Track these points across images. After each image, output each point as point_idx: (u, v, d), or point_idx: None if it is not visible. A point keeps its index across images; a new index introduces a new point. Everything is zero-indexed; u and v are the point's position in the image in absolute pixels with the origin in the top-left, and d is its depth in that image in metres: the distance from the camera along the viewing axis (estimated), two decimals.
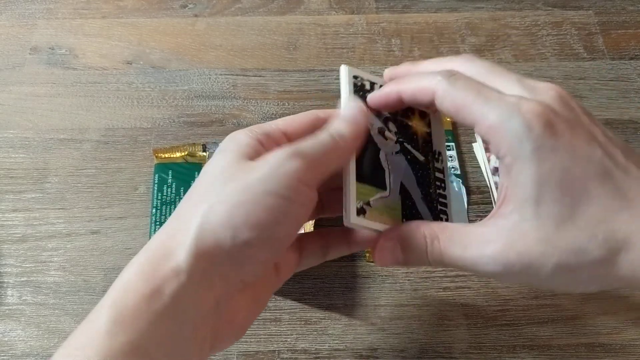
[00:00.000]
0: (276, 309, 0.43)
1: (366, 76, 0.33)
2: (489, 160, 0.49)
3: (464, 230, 0.28)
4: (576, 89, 0.54)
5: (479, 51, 0.57)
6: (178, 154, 0.49)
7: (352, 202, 0.29)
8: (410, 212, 0.31)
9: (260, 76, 0.55)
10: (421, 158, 0.33)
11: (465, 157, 0.50)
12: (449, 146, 0.50)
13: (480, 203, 0.48)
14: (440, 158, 0.34)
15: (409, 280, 0.45)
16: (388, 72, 0.33)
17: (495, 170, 0.48)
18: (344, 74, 0.32)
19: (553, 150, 0.25)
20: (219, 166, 0.27)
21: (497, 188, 0.48)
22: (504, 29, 0.59)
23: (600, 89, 0.54)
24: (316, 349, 0.42)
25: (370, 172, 0.31)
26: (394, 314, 0.43)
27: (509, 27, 0.59)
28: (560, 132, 0.26)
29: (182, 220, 0.26)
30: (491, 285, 0.44)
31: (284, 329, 0.42)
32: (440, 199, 0.33)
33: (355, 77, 0.32)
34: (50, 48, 0.57)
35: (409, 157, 0.33)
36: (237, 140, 0.28)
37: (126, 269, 0.26)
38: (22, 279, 0.44)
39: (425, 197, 0.32)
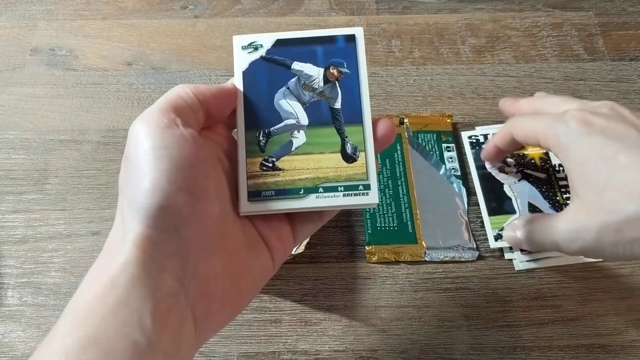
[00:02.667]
0: (276, 310, 0.43)
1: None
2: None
3: (547, 217, 0.38)
4: (576, 90, 0.54)
5: (479, 52, 0.57)
6: None
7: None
8: None
9: None
10: (542, 176, 0.45)
11: (465, 158, 0.50)
12: (449, 147, 0.50)
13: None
14: (561, 169, 0.46)
15: (409, 281, 0.45)
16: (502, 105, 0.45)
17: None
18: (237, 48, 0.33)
19: (589, 136, 0.33)
20: None
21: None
22: (504, 30, 0.59)
23: (601, 90, 0.54)
24: (316, 350, 0.42)
25: (499, 204, 0.46)
26: (394, 315, 0.43)
27: (509, 28, 0.59)
28: (596, 124, 0.33)
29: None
30: (491, 287, 0.44)
31: (285, 330, 0.42)
32: (567, 202, 0.42)
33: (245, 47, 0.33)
34: (50, 49, 0.57)
35: (530, 179, 0.45)
36: None
37: (83, 280, 0.26)
38: (23, 280, 0.44)
39: (553, 205, 0.44)
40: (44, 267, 0.45)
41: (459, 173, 0.49)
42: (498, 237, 0.45)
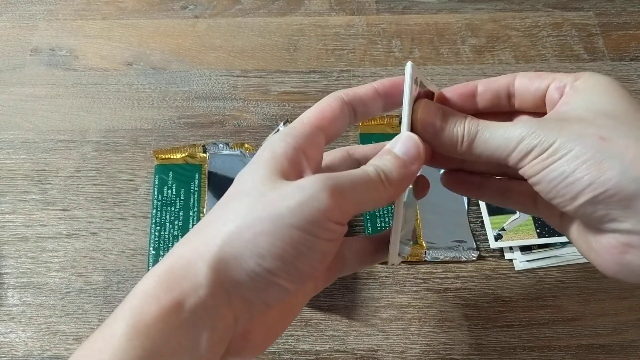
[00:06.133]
0: None
1: (424, 80, 0.30)
2: None
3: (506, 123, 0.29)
4: None
5: (480, 52, 0.57)
6: (178, 155, 0.49)
7: (396, 243, 0.30)
8: None
9: (260, 77, 0.55)
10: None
11: None
12: None
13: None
14: None
15: (409, 281, 0.45)
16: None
17: None
18: (409, 75, 0.27)
19: (624, 95, 0.28)
20: (250, 181, 0.26)
21: None
22: (504, 30, 0.59)
23: None
24: (317, 350, 0.42)
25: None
26: (394, 315, 0.43)
27: (509, 28, 0.59)
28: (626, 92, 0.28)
29: (205, 235, 0.26)
30: (492, 287, 0.44)
31: None
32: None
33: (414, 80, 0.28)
34: (50, 49, 0.57)
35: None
36: (273, 150, 0.27)
37: (145, 277, 0.25)
38: (23, 280, 0.44)
39: None
40: (44, 267, 0.45)
41: None
42: (498, 237, 0.45)
